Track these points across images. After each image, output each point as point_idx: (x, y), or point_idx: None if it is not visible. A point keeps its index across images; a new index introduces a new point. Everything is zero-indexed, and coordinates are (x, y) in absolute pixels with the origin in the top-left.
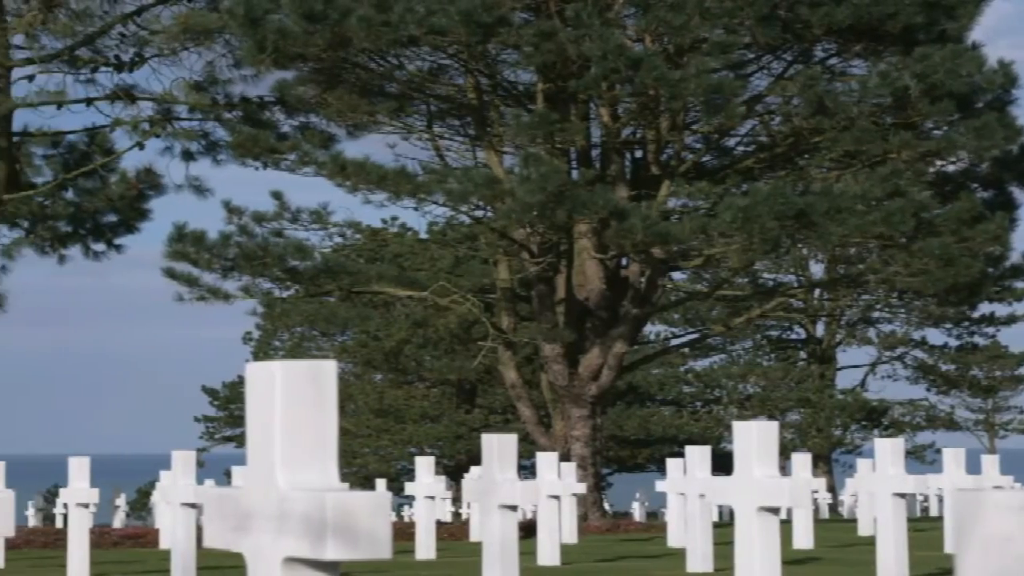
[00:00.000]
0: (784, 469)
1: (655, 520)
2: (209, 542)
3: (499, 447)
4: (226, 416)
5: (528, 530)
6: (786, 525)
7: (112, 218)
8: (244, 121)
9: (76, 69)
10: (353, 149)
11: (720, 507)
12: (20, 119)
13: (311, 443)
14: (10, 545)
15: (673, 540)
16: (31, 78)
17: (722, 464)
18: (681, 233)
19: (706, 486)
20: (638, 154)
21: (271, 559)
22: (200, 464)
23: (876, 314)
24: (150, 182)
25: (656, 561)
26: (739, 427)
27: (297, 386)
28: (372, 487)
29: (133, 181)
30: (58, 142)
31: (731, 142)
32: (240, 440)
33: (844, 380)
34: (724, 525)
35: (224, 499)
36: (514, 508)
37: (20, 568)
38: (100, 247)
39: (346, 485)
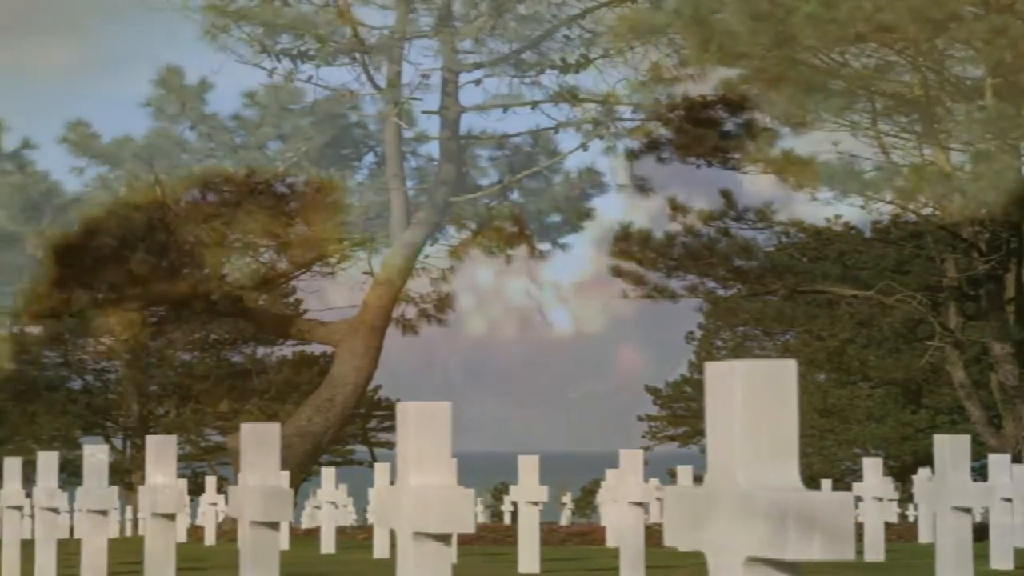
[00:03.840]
0: None
1: None
2: (670, 540)
3: (951, 448)
4: (668, 415)
5: (978, 533)
6: None
7: (556, 218)
8: (687, 120)
9: (522, 72)
10: (796, 147)
11: None
12: (466, 122)
13: (772, 442)
14: (461, 540)
15: None
16: (477, 82)
17: None
18: None
19: None
20: None
21: (733, 558)
22: (645, 463)
23: None
24: (593, 182)
25: None
26: None
27: (758, 385)
28: (817, 487)
29: (576, 181)
30: (503, 144)
31: None
32: (682, 439)
33: None
34: None
35: (686, 497)
36: (968, 510)
37: (472, 563)
38: (545, 247)
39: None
